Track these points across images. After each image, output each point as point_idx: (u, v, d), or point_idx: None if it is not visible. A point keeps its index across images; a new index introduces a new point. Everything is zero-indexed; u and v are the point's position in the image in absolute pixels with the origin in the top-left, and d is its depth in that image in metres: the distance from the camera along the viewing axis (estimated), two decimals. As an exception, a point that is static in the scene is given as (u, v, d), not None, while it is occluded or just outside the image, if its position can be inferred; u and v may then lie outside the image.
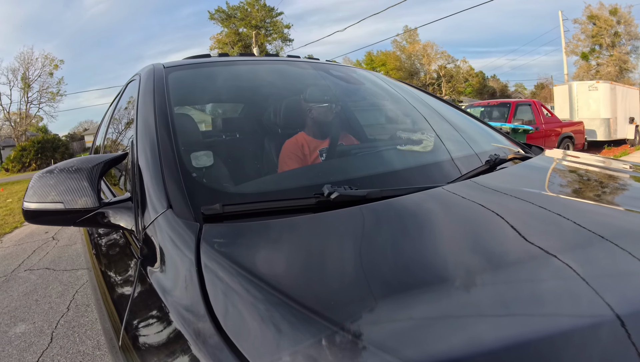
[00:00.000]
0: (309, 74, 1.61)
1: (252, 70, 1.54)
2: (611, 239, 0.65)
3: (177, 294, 0.61)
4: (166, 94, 1.10)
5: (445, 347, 0.44)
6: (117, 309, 0.79)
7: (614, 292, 0.52)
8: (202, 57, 1.59)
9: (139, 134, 0.96)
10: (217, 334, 0.50)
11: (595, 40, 33.11)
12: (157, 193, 0.79)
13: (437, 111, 1.59)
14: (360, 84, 1.66)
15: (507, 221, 0.73)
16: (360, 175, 1.00)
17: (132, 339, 0.67)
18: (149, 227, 0.75)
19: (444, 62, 38.79)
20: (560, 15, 18.17)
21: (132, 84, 1.46)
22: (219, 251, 0.63)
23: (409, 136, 1.29)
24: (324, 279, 0.57)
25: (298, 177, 1.10)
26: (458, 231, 0.70)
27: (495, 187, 0.89)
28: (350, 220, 0.73)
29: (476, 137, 1.42)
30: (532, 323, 0.47)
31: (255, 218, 0.75)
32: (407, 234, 0.71)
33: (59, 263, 3.65)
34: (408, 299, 0.52)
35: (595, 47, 33.46)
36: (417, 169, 1.06)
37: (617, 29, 32.47)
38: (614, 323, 0.46)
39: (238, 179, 1.09)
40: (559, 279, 0.55)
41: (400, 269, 0.60)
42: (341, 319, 0.48)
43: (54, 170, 0.82)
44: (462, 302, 0.51)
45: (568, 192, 0.87)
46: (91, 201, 0.80)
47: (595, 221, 0.73)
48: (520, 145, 1.45)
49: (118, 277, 0.93)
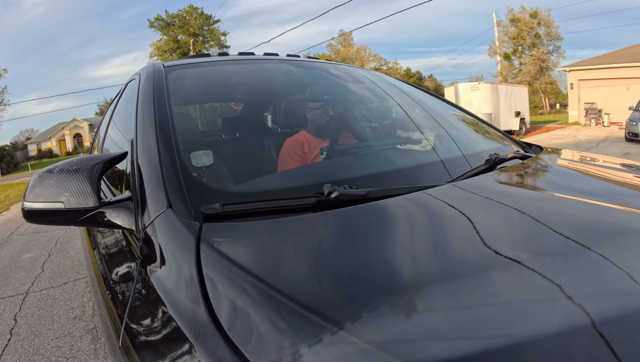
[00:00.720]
0: (309, 73, 1.61)
1: (252, 70, 1.54)
2: (613, 237, 0.65)
3: (177, 293, 0.61)
4: (166, 94, 1.09)
5: (446, 347, 0.44)
6: (117, 308, 0.79)
7: (616, 290, 0.52)
8: (202, 56, 1.59)
9: (139, 133, 0.96)
10: (218, 333, 0.50)
11: (516, 41, 35.68)
12: (157, 192, 0.79)
13: (438, 110, 1.59)
14: (361, 82, 1.66)
15: (508, 219, 0.73)
16: (360, 175, 1.00)
17: (132, 338, 0.67)
18: (149, 226, 0.75)
19: (377, 64, 40.19)
20: (495, 17, 18.60)
21: (132, 84, 1.46)
22: (219, 250, 0.63)
23: (409, 135, 1.29)
24: (325, 279, 0.57)
25: (298, 176, 1.10)
26: (459, 229, 0.70)
27: (495, 186, 0.89)
28: (351, 219, 0.73)
29: (476, 136, 1.42)
30: (532, 323, 0.47)
31: (255, 217, 0.75)
32: (407, 233, 0.71)
33: (41, 228, 5.33)
34: (409, 299, 0.52)
35: (518, 47, 36.06)
36: (418, 168, 1.06)
37: (538, 31, 34.94)
38: (617, 321, 0.46)
39: (238, 178, 1.09)
40: (560, 278, 0.55)
41: (401, 268, 0.60)
42: (341, 318, 0.48)
43: (54, 170, 0.82)
44: (464, 301, 0.51)
45: (568, 191, 0.87)
46: (91, 200, 0.80)
47: (597, 219, 0.73)
48: (520, 144, 1.45)
49: (118, 277, 0.93)
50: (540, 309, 0.50)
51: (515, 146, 1.39)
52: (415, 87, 1.81)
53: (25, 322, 2.49)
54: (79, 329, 2.36)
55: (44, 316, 2.57)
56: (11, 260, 4.02)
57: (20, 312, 2.65)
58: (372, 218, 0.74)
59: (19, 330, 2.40)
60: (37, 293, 2.99)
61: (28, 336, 2.31)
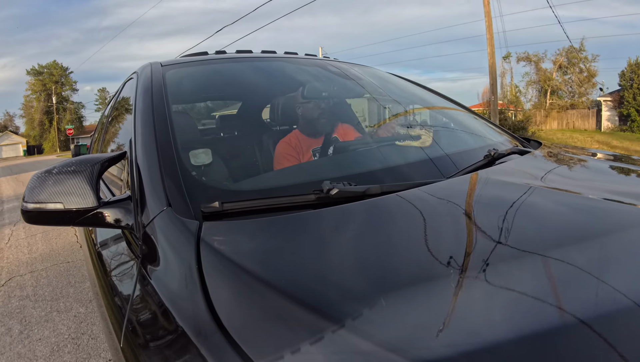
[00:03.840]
0: (307, 71, 1.61)
1: (249, 67, 1.54)
2: (614, 232, 0.65)
3: (178, 292, 0.61)
4: (164, 92, 1.09)
5: (448, 346, 0.44)
6: (118, 308, 0.80)
7: (617, 285, 0.52)
8: (199, 54, 1.58)
9: (137, 132, 0.96)
10: (219, 331, 0.50)
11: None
12: (156, 191, 0.79)
13: (436, 106, 1.59)
14: (359, 79, 1.66)
15: (508, 214, 0.73)
16: (359, 171, 1.00)
17: (133, 338, 0.67)
18: (149, 225, 0.75)
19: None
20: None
21: (130, 83, 1.45)
22: (219, 248, 0.63)
23: (407, 131, 1.29)
24: (325, 276, 0.57)
25: (297, 173, 1.10)
26: (460, 225, 0.70)
27: (494, 181, 0.89)
28: (350, 216, 0.73)
29: (475, 131, 1.42)
30: (531, 323, 0.47)
31: (255, 215, 0.75)
32: (407, 230, 0.70)
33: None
34: (410, 296, 0.52)
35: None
36: (416, 164, 1.06)
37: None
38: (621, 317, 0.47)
39: (237, 176, 1.09)
40: (562, 273, 0.55)
41: (402, 265, 0.60)
42: (342, 316, 0.48)
43: (53, 171, 0.82)
44: (466, 299, 0.51)
45: (567, 186, 0.87)
46: (90, 200, 0.80)
47: (597, 214, 0.73)
48: (519, 139, 1.45)
49: (118, 277, 0.93)
50: (542, 306, 0.49)
51: (514, 141, 1.39)
52: (412, 82, 1.81)
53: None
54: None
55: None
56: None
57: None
58: (371, 215, 0.74)
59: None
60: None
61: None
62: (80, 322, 2.33)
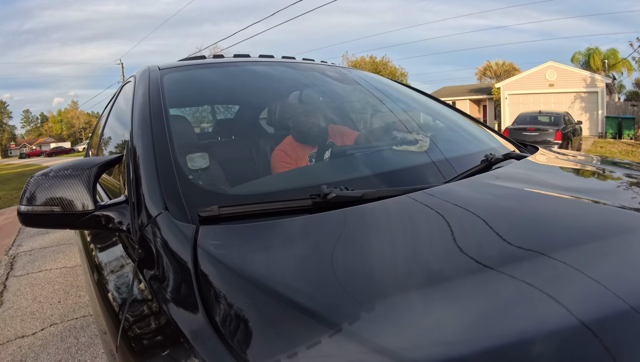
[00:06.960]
0: (304, 75, 1.61)
1: (246, 72, 1.54)
2: (609, 236, 0.65)
3: (174, 296, 0.61)
4: (161, 96, 1.09)
5: (446, 347, 0.44)
6: (114, 311, 0.79)
7: (616, 288, 0.52)
8: (197, 58, 1.59)
9: (135, 136, 0.96)
10: (215, 335, 0.50)
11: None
12: (153, 195, 0.78)
13: (433, 110, 1.60)
14: (356, 84, 1.67)
15: (505, 218, 0.73)
16: (357, 176, 1.00)
17: (129, 342, 0.67)
18: (145, 229, 0.75)
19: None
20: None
21: (127, 86, 1.45)
22: (216, 252, 0.63)
23: (404, 136, 1.29)
24: (321, 280, 0.57)
25: (294, 178, 1.10)
26: (456, 230, 0.70)
27: (492, 186, 0.90)
28: (347, 220, 0.73)
29: (471, 136, 1.43)
30: (531, 322, 0.47)
31: (252, 220, 0.75)
32: (404, 234, 0.71)
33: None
34: (406, 299, 0.52)
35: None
36: (414, 169, 1.06)
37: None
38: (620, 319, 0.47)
39: (234, 180, 1.09)
40: (557, 277, 0.55)
41: (398, 270, 0.60)
42: (338, 319, 0.48)
43: (50, 174, 0.82)
44: (462, 302, 0.51)
45: (564, 190, 0.87)
46: (87, 203, 0.80)
47: (594, 218, 0.74)
48: (516, 144, 1.46)
49: (114, 280, 0.92)
50: (542, 307, 0.50)
51: (511, 146, 1.40)
52: (409, 87, 1.82)
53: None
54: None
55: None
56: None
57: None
58: (368, 219, 0.74)
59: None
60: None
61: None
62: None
